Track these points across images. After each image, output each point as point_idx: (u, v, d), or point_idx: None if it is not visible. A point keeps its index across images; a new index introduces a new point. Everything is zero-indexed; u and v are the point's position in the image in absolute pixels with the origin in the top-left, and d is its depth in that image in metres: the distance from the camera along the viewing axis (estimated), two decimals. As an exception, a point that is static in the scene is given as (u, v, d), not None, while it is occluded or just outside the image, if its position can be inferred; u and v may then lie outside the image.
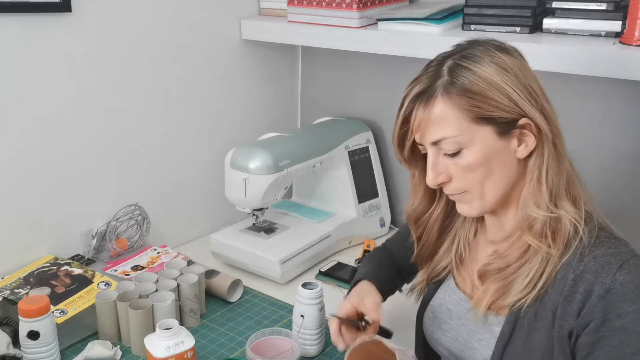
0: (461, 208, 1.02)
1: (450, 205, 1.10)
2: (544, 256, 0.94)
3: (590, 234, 0.94)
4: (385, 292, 1.22)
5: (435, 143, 0.95)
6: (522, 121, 0.93)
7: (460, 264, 1.11)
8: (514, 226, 0.99)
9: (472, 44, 0.97)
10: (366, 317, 1.12)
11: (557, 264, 0.94)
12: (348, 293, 1.22)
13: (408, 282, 1.29)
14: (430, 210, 1.10)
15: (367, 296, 1.15)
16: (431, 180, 0.98)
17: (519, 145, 0.95)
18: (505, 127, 0.93)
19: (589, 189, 1.01)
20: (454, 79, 0.92)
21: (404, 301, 1.24)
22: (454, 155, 0.95)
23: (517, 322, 0.97)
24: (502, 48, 0.95)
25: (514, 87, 0.92)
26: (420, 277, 1.17)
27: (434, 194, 1.09)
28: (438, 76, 0.94)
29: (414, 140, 0.99)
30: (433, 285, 1.15)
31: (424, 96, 0.94)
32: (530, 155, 0.96)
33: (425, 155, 1.00)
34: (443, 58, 0.96)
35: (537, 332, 0.95)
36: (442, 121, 0.93)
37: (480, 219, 1.11)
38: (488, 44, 0.96)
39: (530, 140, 0.94)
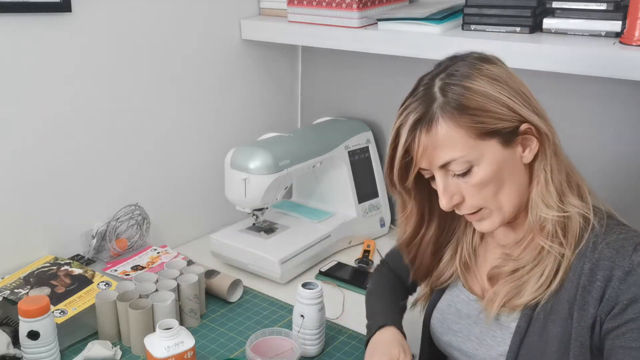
0: (481, 226, 0.99)
1: (443, 224, 1.09)
2: (556, 256, 0.95)
3: (601, 223, 0.95)
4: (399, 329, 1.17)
5: (443, 166, 0.94)
6: (524, 127, 0.93)
7: (466, 271, 1.10)
8: (524, 229, 0.99)
9: (453, 60, 0.96)
10: None
11: (570, 257, 0.94)
12: (371, 337, 1.14)
13: (412, 292, 1.28)
14: (421, 234, 1.08)
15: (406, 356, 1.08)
16: (445, 204, 0.96)
17: (524, 150, 0.95)
18: (509, 136, 0.93)
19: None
20: (449, 99, 0.91)
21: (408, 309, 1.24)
22: (465, 174, 0.94)
23: (532, 316, 0.97)
24: (485, 59, 0.95)
25: (508, 95, 0.91)
26: (423, 288, 1.16)
27: (422, 219, 1.07)
28: (432, 99, 0.92)
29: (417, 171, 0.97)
30: (438, 289, 1.15)
31: (424, 122, 0.92)
32: (534, 158, 0.96)
33: (426, 181, 1.00)
34: (429, 80, 0.94)
35: (552, 324, 0.95)
36: (448, 143, 0.91)
37: None
38: (469, 57, 0.95)
39: (534, 144, 0.95)
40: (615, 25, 1.31)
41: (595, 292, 0.91)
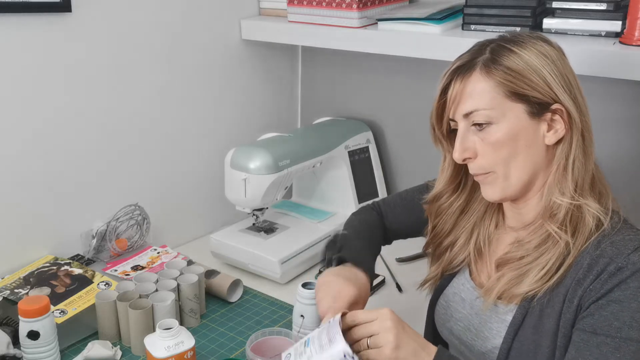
0: (485, 191, 1.02)
1: (470, 197, 1.11)
2: (562, 248, 0.95)
3: (614, 226, 0.95)
4: (370, 278, 1.15)
5: (466, 116, 0.97)
6: (555, 106, 0.95)
7: (478, 258, 1.11)
8: (535, 214, 1.00)
9: (518, 34, 1.00)
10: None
11: (575, 254, 0.94)
12: (332, 263, 1.12)
13: (385, 244, 1.31)
14: (452, 199, 1.11)
15: (361, 303, 1.07)
16: (458, 154, 0.99)
17: (549, 130, 0.96)
18: (537, 108, 0.95)
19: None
20: (494, 57, 0.95)
21: (411, 292, 1.24)
22: (483, 130, 0.96)
23: (529, 309, 0.98)
24: (545, 40, 0.98)
25: (550, 72, 0.94)
26: (433, 270, 1.17)
27: (458, 184, 1.10)
28: (480, 54, 0.97)
29: (449, 121, 1.02)
30: (448, 274, 1.15)
31: (463, 69, 0.97)
32: (558, 143, 0.97)
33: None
34: (488, 41, 0.99)
35: (547, 317, 0.95)
36: (476, 93, 0.96)
37: (501, 211, 1.11)
38: (533, 34, 0.99)
39: (560, 127, 0.96)
40: (615, 25, 1.31)
41: (585, 285, 0.91)
